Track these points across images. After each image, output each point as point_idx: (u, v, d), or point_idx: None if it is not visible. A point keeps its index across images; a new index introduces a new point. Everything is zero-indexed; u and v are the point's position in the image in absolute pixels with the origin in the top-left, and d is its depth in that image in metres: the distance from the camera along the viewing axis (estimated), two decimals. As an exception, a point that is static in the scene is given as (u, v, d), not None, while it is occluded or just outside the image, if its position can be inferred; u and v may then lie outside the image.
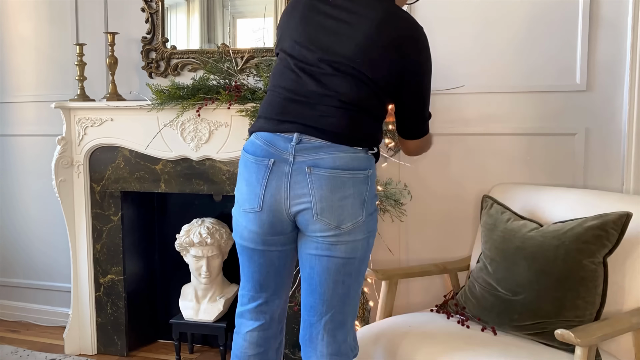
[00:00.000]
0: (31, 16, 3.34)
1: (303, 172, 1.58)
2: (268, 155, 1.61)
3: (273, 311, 1.82)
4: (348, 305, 1.70)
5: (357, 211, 1.61)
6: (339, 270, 1.65)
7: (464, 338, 2.00)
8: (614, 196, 2.21)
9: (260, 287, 1.78)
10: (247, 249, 1.74)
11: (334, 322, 1.70)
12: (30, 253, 3.49)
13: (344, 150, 1.59)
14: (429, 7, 2.62)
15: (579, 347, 1.69)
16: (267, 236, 1.68)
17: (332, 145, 1.58)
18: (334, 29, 1.63)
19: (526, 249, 2.05)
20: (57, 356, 2.95)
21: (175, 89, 2.59)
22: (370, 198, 1.66)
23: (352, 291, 1.70)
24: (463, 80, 2.58)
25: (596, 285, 1.93)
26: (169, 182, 2.81)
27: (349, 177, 1.59)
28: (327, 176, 1.57)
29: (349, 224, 1.61)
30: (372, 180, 1.67)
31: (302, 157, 1.58)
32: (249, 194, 1.65)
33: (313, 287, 1.69)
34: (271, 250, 1.72)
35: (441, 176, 2.66)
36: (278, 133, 1.61)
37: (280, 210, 1.63)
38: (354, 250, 1.64)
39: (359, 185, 1.61)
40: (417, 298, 2.71)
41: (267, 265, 1.74)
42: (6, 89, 3.43)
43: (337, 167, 1.57)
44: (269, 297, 1.80)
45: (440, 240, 2.69)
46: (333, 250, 1.63)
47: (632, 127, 2.40)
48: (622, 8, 2.38)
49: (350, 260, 1.65)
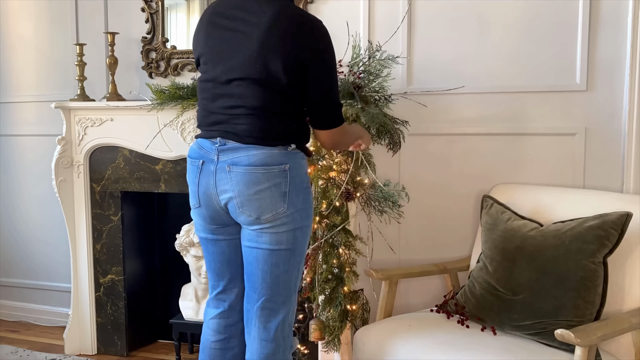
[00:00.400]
0: (31, 16, 3.34)
1: (224, 170, 1.75)
2: (199, 157, 1.81)
3: (231, 299, 1.94)
4: (278, 295, 1.82)
5: (277, 203, 1.74)
6: (265, 260, 1.78)
7: (464, 338, 2.00)
8: (614, 196, 2.21)
9: (217, 276, 1.94)
10: (202, 239, 1.92)
11: (265, 309, 1.82)
12: (30, 253, 3.49)
13: (258, 149, 1.73)
14: (429, 7, 2.62)
15: (579, 347, 1.69)
16: (212, 226, 1.86)
17: (249, 146, 1.74)
18: (233, 40, 1.75)
19: (526, 248, 2.05)
20: (57, 356, 2.95)
21: (175, 89, 2.59)
22: (294, 191, 1.76)
23: (282, 282, 1.81)
24: (463, 80, 2.58)
25: (596, 285, 1.93)
26: (169, 182, 2.81)
27: (263, 172, 1.73)
28: (243, 173, 1.73)
29: (269, 215, 1.74)
30: (294, 174, 1.76)
31: (224, 157, 1.75)
32: (191, 192, 1.86)
33: (247, 275, 1.85)
34: (220, 240, 1.88)
35: (441, 176, 2.66)
36: (207, 138, 1.80)
37: (214, 205, 1.80)
38: (279, 242, 1.77)
39: (274, 179, 1.73)
40: (417, 298, 2.71)
41: (220, 254, 1.90)
42: (6, 89, 3.44)
43: (252, 164, 1.72)
44: (226, 286, 1.93)
45: (440, 241, 2.69)
46: (259, 241, 1.78)
47: (632, 127, 2.40)
48: (622, 8, 2.38)
49: (275, 251, 1.77)
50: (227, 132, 1.75)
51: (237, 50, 1.73)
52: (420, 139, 2.65)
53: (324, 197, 2.31)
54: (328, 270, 2.29)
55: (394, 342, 2.04)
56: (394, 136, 2.43)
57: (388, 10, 2.66)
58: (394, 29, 2.64)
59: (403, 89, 2.63)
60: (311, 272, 2.33)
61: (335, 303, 2.31)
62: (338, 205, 2.31)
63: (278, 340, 1.83)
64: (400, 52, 2.62)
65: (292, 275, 1.83)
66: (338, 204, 2.31)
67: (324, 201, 2.31)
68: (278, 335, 1.83)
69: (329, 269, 2.29)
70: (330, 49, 1.77)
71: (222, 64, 1.76)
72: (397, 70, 2.61)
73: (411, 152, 2.66)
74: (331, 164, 2.32)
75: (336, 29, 2.66)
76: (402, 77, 2.64)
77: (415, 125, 2.58)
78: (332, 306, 2.32)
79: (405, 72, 2.65)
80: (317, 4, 2.75)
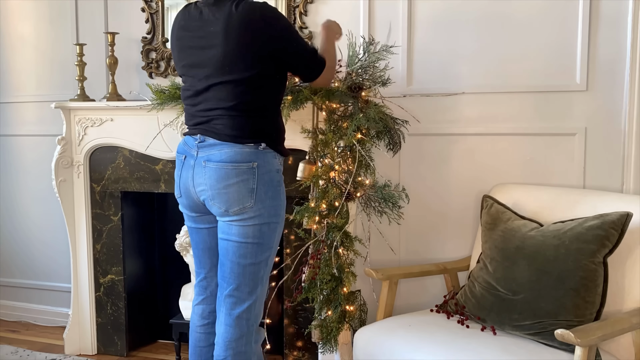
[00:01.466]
0: (31, 16, 3.34)
1: (201, 165, 1.91)
2: (183, 152, 1.99)
3: (212, 287, 2.09)
4: (245, 285, 1.94)
5: (244, 198, 1.88)
6: (234, 252, 1.92)
7: (464, 338, 2.00)
8: (614, 196, 2.21)
9: (200, 264, 2.11)
10: (189, 229, 2.10)
11: (232, 297, 1.95)
12: (30, 253, 3.49)
13: (231, 147, 1.88)
14: (429, 8, 2.62)
15: (579, 347, 1.69)
16: (194, 214, 2.04)
17: (222, 143, 1.89)
18: (199, 48, 1.91)
19: (526, 248, 2.05)
20: (57, 356, 2.95)
21: (176, 88, 2.59)
22: (262, 188, 1.90)
23: (249, 273, 1.93)
24: (463, 80, 2.58)
25: (596, 285, 1.93)
26: (169, 182, 2.81)
27: (232, 168, 1.87)
28: (215, 168, 1.88)
29: (236, 208, 1.88)
30: (262, 172, 1.90)
31: (202, 153, 1.92)
32: (175, 184, 2.03)
33: (219, 265, 1.99)
34: (202, 228, 2.06)
35: (441, 176, 2.66)
36: (191, 135, 1.98)
37: (192, 196, 1.97)
38: (246, 235, 1.90)
39: (242, 175, 1.88)
40: (417, 298, 2.71)
41: (202, 242, 2.08)
42: (6, 89, 3.44)
43: (223, 161, 1.88)
44: (207, 274, 2.10)
45: (440, 240, 2.69)
46: (229, 233, 1.92)
47: (632, 127, 2.40)
48: (622, 8, 2.38)
49: (243, 243, 1.91)
50: (207, 130, 1.92)
51: (206, 59, 1.89)
52: (420, 139, 2.65)
53: (324, 197, 2.31)
54: (327, 271, 2.29)
55: (394, 342, 2.04)
56: (394, 136, 2.43)
57: (388, 11, 2.66)
58: (394, 29, 2.65)
59: (403, 90, 2.63)
60: (312, 273, 2.33)
61: (334, 304, 2.31)
62: (338, 206, 2.31)
63: (242, 327, 1.95)
64: (400, 52, 2.62)
65: (260, 267, 1.95)
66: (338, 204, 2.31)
67: (324, 201, 2.31)
68: (242, 323, 1.95)
69: (329, 270, 2.29)
70: (281, 20, 1.91)
71: (196, 74, 1.93)
72: (397, 71, 2.61)
73: (411, 152, 2.66)
74: (332, 163, 2.32)
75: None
76: (402, 77, 2.64)
77: (415, 125, 2.58)
78: (331, 307, 2.32)
79: (405, 73, 2.65)
80: (317, 4, 2.75)
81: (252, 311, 1.97)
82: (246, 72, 1.86)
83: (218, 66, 1.87)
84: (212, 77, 1.89)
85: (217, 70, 1.87)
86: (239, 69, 1.86)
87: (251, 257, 1.92)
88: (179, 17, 2.00)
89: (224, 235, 1.94)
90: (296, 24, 2.75)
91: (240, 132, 1.89)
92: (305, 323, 2.62)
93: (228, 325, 1.95)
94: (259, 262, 1.94)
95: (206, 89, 1.91)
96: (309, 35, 2.74)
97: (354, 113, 2.32)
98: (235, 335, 1.94)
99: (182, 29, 1.97)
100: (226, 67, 1.86)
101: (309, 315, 2.62)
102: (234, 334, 1.94)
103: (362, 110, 2.31)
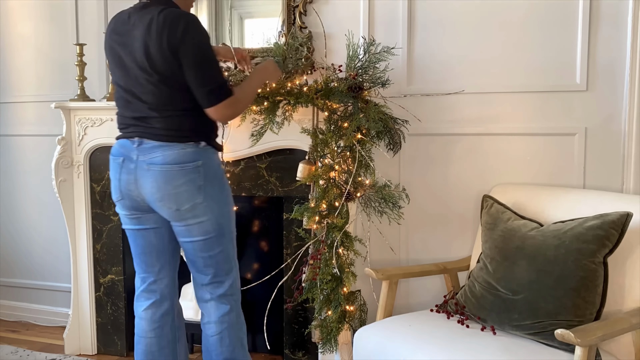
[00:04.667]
0: (31, 16, 3.34)
1: (144, 168, 1.95)
2: (120, 155, 2.02)
3: (162, 289, 2.16)
4: (221, 270, 2.08)
5: (194, 195, 1.95)
6: (201, 249, 2.03)
7: (464, 338, 2.00)
8: (614, 196, 2.21)
9: (147, 267, 2.14)
10: (129, 232, 2.12)
11: (213, 283, 2.09)
12: (30, 253, 3.50)
13: (173, 148, 1.93)
14: (429, 8, 2.62)
15: (579, 347, 1.69)
16: (137, 213, 2.06)
17: (163, 144, 1.94)
18: (127, 55, 1.95)
19: (526, 248, 2.05)
20: (57, 356, 2.95)
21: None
22: (209, 184, 1.98)
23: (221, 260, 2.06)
24: (463, 80, 2.58)
25: (596, 285, 1.93)
26: (169, 182, 2.81)
27: (179, 169, 1.93)
28: (160, 171, 1.93)
29: (187, 206, 1.96)
30: (207, 169, 1.97)
31: (142, 157, 1.96)
32: (113, 187, 2.06)
33: (190, 263, 2.11)
34: (147, 229, 2.09)
35: (441, 176, 2.66)
36: (127, 138, 2.01)
37: (136, 197, 2.01)
38: (207, 232, 2.00)
39: (189, 175, 1.94)
40: (417, 298, 2.71)
41: (149, 246, 2.11)
42: (6, 89, 3.44)
43: (167, 163, 1.93)
44: (157, 276, 2.15)
45: (440, 240, 2.69)
46: (190, 235, 2.01)
47: (632, 127, 2.40)
48: (622, 8, 2.38)
49: (206, 240, 2.01)
50: (144, 132, 1.96)
51: (132, 61, 1.93)
52: (420, 139, 2.65)
53: (324, 197, 2.31)
54: (327, 271, 2.29)
55: (394, 342, 2.04)
56: (394, 136, 2.44)
57: (388, 11, 2.66)
58: (395, 29, 2.65)
59: (403, 90, 2.63)
60: (312, 273, 2.33)
61: (334, 304, 2.31)
62: (338, 206, 2.31)
63: (230, 302, 2.11)
64: (401, 52, 2.62)
65: (228, 250, 2.09)
66: (338, 204, 2.31)
67: (324, 201, 2.31)
68: (229, 299, 2.11)
69: (329, 270, 2.29)
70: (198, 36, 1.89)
71: (125, 77, 1.97)
72: (397, 72, 2.61)
73: (411, 152, 2.66)
74: (332, 163, 2.32)
75: (336, 29, 2.68)
76: (402, 77, 2.64)
77: (415, 125, 2.58)
78: (331, 307, 2.32)
79: (405, 73, 2.65)
80: (317, 4, 2.75)
81: (234, 287, 2.13)
82: (170, 74, 1.89)
83: (144, 68, 1.90)
84: (141, 80, 1.92)
85: (145, 72, 1.91)
86: (164, 70, 1.89)
87: (218, 247, 2.05)
88: (111, 22, 2.06)
89: (186, 239, 2.04)
90: (296, 24, 2.75)
91: (176, 131, 1.94)
92: (305, 323, 2.62)
93: (217, 304, 2.10)
94: (226, 247, 2.07)
95: (137, 92, 1.95)
96: (309, 34, 2.73)
97: (354, 113, 2.32)
98: (226, 310, 2.10)
99: (112, 32, 2.02)
100: (152, 70, 1.89)
101: (309, 315, 2.62)
102: (224, 309, 2.10)
103: (362, 110, 2.31)
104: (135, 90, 1.95)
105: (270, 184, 2.66)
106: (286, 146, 2.59)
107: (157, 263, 2.13)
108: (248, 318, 2.97)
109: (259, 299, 2.86)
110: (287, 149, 2.60)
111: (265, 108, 2.40)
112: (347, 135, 2.29)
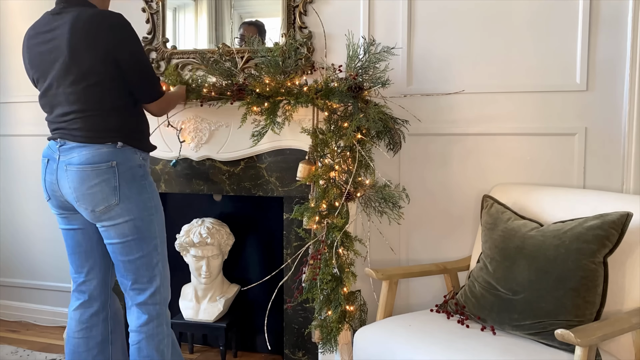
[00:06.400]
0: (31, 16, 3.30)
1: (63, 169, 1.99)
2: (46, 155, 2.06)
3: (91, 289, 2.18)
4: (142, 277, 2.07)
5: (109, 196, 1.96)
6: (120, 252, 2.04)
7: (464, 338, 2.00)
8: (614, 196, 2.21)
9: (77, 267, 2.18)
10: (62, 231, 2.16)
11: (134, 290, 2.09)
12: (30, 253, 3.50)
13: (89, 148, 1.95)
14: (429, 8, 2.62)
15: (579, 347, 1.69)
16: (65, 212, 2.10)
17: (81, 145, 1.96)
18: (49, 56, 1.96)
19: (526, 248, 2.05)
20: (57, 356, 2.95)
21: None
22: (125, 185, 1.98)
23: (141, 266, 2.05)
24: (463, 80, 2.58)
25: (596, 285, 1.93)
26: (169, 182, 2.81)
27: (92, 169, 1.95)
28: (76, 171, 1.96)
29: (102, 207, 1.97)
30: (123, 170, 1.98)
31: (63, 157, 1.99)
32: (42, 187, 2.09)
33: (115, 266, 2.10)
34: (75, 229, 2.13)
35: (441, 176, 2.66)
36: (53, 140, 2.05)
37: (60, 198, 2.05)
38: (124, 235, 2.01)
39: (103, 175, 1.95)
40: (417, 298, 2.71)
41: (77, 246, 2.15)
42: (6, 89, 3.44)
43: (82, 163, 1.95)
44: (87, 276, 2.17)
45: (440, 240, 2.69)
46: (109, 237, 2.03)
47: (632, 127, 2.40)
48: (622, 8, 2.38)
49: (124, 243, 2.02)
50: (66, 133, 1.99)
51: (55, 62, 1.94)
52: (420, 139, 2.66)
53: (324, 197, 2.31)
54: (327, 271, 2.29)
55: (394, 342, 2.04)
56: (394, 136, 2.43)
57: (388, 11, 2.66)
58: (395, 29, 2.65)
59: (403, 90, 2.63)
60: (312, 273, 2.33)
61: (334, 304, 2.31)
62: (338, 206, 2.31)
63: (149, 312, 2.09)
64: (401, 52, 2.62)
65: (151, 257, 2.07)
66: (338, 204, 2.31)
67: (324, 201, 2.31)
68: (149, 309, 2.09)
69: (329, 270, 2.29)
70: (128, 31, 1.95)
71: (47, 78, 1.98)
72: (397, 71, 2.61)
73: (411, 152, 2.66)
74: (332, 163, 2.32)
75: (336, 29, 2.68)
76: (402, 77, 2.64)
77: (415, 125, 2.58)
78: (331, 307, 2.32)
79: (405, 72, 2.65)
80: (317, 4, 2.75)
81: (156, 296, 2.10)
82: (94, 74, 1.92)
83: (67, 68, 1.92)
84: (62, 81, 1.94)
85: (66, 73, 1.92)
86: (87, 71, 1.91)
87: (137, 252, 2.03)
88: (30, 29, 2.05)
89: (106, 240, 2.05)
90: (296, 24, 2.75)
91: (95, 132, 1.96)
92: (305, 323, 2.62)
93: (136, 312, 2.10)
94: (148, 254, 2.05)
95: (58, 94, 1.97)
96: (309, 34, 2.73)
97: (354, 113, 2.32)
98: (144, 320, 2.09)
99: (32, 37, 2.02)
100: (74, 70, 1.91)
101: (309, 315, 2.62)
102: (143, 318, 2.09)
103: (362, 110, 2.31)
104: (57, 93, 1.97)
105: (270, 184, 2.66)
106: (286, 146, 2.59)
107: (85, 264, 2.16)
108: (248, 318, 2.98)
109: (259, 299, 2.87)
110: (287, 149, 2.60)
111: (266, 109, 2.40)
112: (347, 135, 2.29)
